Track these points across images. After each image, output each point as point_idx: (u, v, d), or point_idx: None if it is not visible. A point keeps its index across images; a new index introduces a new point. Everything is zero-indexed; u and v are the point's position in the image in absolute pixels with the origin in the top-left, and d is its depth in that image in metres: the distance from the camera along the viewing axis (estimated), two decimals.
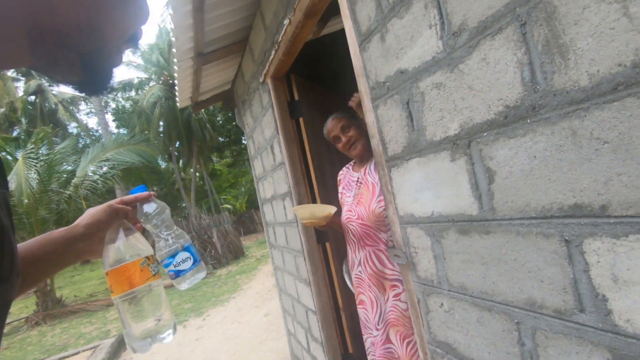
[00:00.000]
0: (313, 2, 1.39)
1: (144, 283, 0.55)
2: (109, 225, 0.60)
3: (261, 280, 7.02)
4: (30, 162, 6.97)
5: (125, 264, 0.55)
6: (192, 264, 0.65)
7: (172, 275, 0.65)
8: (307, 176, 2.13)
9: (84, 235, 0.59)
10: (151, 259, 0.57)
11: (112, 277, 0.55)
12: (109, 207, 0.62)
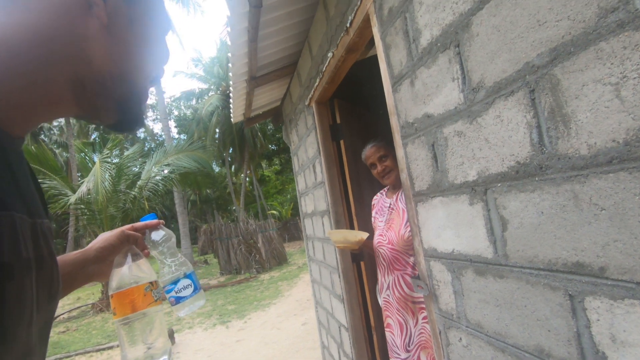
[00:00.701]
0: (354, 40, 1.50)
1: (145, 308, 0.55)
2: (119, 249, 0.62)
3: (302, 288, 7.17)
4: (105, 165, 7.83)
5: (130, 288, 0.55)
6: (193, 291, 0.67)
7: (172, 302, 0.66)
8: (346, 196, 2.22)
9: (96, 258, 0.61)
10: (155, 284, 0.58)
11: (116, 300, 0.55)
12: (121, 232, 0.64)
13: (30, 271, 0.32)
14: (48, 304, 0.37)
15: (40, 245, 0.36)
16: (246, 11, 1.78)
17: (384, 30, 1.19)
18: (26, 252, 0.32)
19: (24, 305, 0.31)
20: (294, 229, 19.45)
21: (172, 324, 5.98)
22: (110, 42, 0.39)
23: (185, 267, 0.68)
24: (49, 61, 0.35)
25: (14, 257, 0.30)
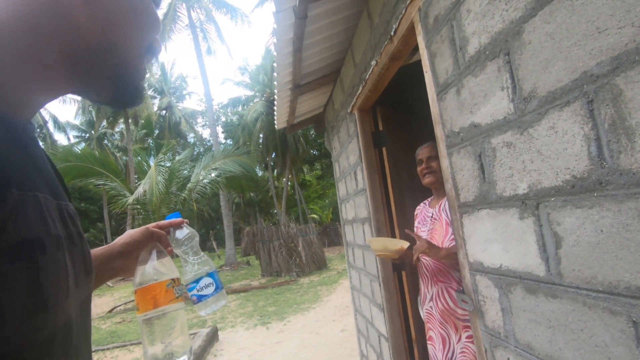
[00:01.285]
0: (397, 48, 1.49)
1: (167, 304, 0.55)
2: (144, 245, 0.63)
3: (341, 294, 7.14)
4: (159, 169, 8.39)
5: (152, 284, 0.56)
6: (214, 290, 0.67)
7: (194, 300, 0.66)
8: (387, 204, 2.20)
9: (120, 253, 0.62)
10: (177, 281, 0.59)
11: (139, 296, 0.56)
12: (146, 229, 0.66)
13: (62, 247, 0.34)
14: (86, 279, 0.39)
15: (68, 225, 0.38)
16: (291, 23, 1.83)
17: (429, 38, 1.18)
18: (55, 230, 0.33)
19: (60, 278, 0.32)
20: (334, 234, 19.46)
21: (215, 322, 6.23)
22: (93, 11, 0.38)
23: (207, 266, 0.68)
24: (38, 37, 0.35)
25: (44, 233, 0.31)
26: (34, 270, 0.28)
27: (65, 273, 0.33)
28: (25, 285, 0.27)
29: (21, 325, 0.27)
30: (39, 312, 0.28)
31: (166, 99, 22.97)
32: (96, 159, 8.31)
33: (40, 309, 0.28)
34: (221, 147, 14.93)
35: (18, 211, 0.28)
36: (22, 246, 0.28)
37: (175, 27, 15.56)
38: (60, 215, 0.36)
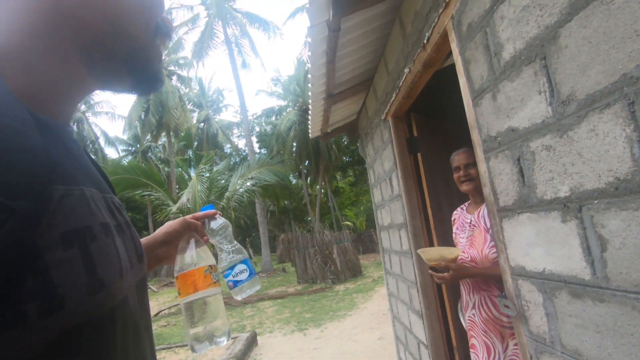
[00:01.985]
0: (431, 56, 1.51)
1: (205, 288, 0.59)
2: (182, 234, 0.68)
3: (377, 301, 7.06)
4: (200, 179, 8.80)
5: (191, 270, 0.60)
6: (248, 276, 0.71)
7: (230, 285, 0.71)
8: (423, 210, 2.19)
9: (163, 241, 0.67)
10: (213, 267, 0.62)
11: (180, 281, 0.60)
12: (184, 220, 0.70)
13: (111, 234, 0.36)
14: (139, 263, 0.43)
15: (115, 215, 0.40)
16: (325, 36, 1.91)
17: (462, 45, 1.20)
18: (102, 219, 0.36)
19: (112, 260, 0.34)
20: (369, 240, 19.26)
21: (254, 327, 6.38)
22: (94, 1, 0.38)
23: (241, 254, 0.72)
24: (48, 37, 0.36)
25: (92, 222, 0.33)
26: (86, 255, 0.31)
27: (116, 256, 0.36)
28: (81, 268, 0.30)
29: (82, 303, 0.29)
30: (97, 290, 0.31)
31: (204, 112, 24.05)
32: (142, 171, 8.85)
33: (97, 288, 0.31)
34: (256, 156, 15.36)
35: (65, 204, 0.31)
36: (73, 234, 0.30)
37: (212, 43, 16.33)
38: (107, 206, 0.39)
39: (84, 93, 0.41)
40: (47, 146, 0.30)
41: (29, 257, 0.26)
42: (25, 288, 0.26)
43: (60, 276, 0.28)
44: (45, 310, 0.27)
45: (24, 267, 0.26)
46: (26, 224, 0.26)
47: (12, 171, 0.25)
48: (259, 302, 8.72)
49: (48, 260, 0.27)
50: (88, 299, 0.30)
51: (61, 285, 0.28)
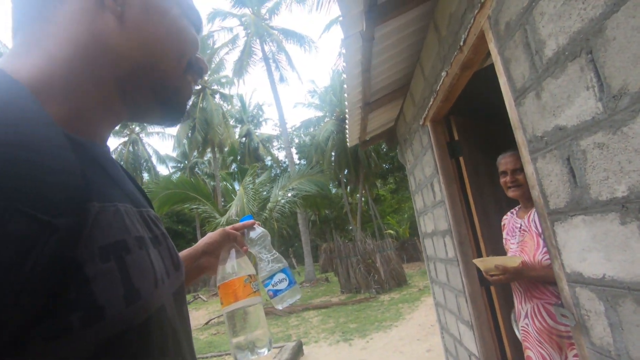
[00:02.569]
0: (468, 57, 1.48)
1: (245, 297, 0.60)
2: (223, 245, 0.69)
3: (424, 312, 6.82)
4: (247, 191, 9.12)
5: (232, 279, 0.61)
6: (288, 285, 0.71)
7: (270, 295, 0.71)
8: (469, 215, 2.11)
9: (204, 252, 0.69)
10: (253, 277, 0.63)
11: (222, 291, 0.62)
12: (223, 231, 0.72)
13: (145, 246, 0.37)
14: (176, 272, 0.44)
15: (151, 227, 0.42)
16: (359, 46, 1.93)
17: (501, 44, 1.17)
18: (136, 232, 0.37)
19: (146, 271, 0.36)
20: (413, 249, 18.71)
21: (300, 336, 6.42)
22: (128, 34, 0.40)
23: (280, 263, 0.72)
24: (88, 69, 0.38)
25: (126, 236, 0.35)
26: (122, 267, 0.32)
27: (150, 267, 0.37)
28: (118, 280, 0.31)
29: (121, 312, 0.31)
30: (134, 300, 0.32)
31: (245, 126, 25.02)
32: (191, 185, 9.35)
33: (134, 298, 0.32)
34: (296, 167, 15.66)
35: (101, 220, 0.32)
36: (110, 248, 0.32)
37: (251, 60, 17.02)
38: (143, 219, 0.41)
39: (117, 120, 0.43)
40: (83, 166, 0.31)
41: (71, 270, 0.28)
42: (69, 300, 0.27)
43: (99, 288, 0.29)
44: (88, 320, 0.28)
45: (67, 280, 0.27)
46: (67, 239, 0.27)
47: (52, 191, 0.27)
48: (304, 312, 8.77)
49: (88, 273, 0.29)
50: (126, 308, 0.31)
51: (101, 297, 0.29)
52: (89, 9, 0.38)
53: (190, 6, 0.47)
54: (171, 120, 0.47)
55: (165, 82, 0.43)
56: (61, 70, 0.36)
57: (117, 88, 0.40)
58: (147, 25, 0.41)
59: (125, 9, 0.39)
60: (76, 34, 0.37)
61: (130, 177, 0.48)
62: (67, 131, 0.33)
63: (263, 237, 0.75)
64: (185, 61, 0.45)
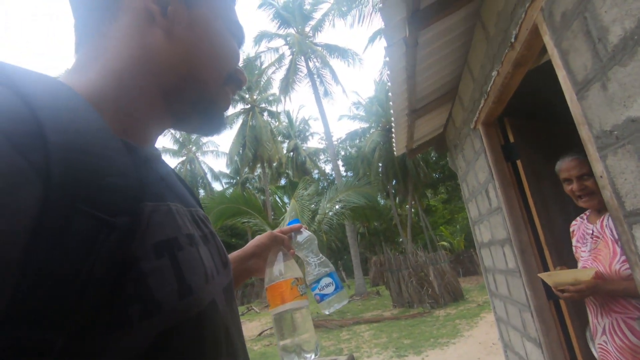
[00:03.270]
0: (521, 54, 1.41)
1: (292, 300, 0.60)
2: (270, 248, 0.71)
3: (484, 329, 6.36)
4: (301, 203, 9.33)
5: (279, 282, 0.62)
6: (334, 289, 0.70)
7: (317, 299, 0.71)
8: (530, 222, 1.96)
9: (252, 254, 0.70)
10: (300, 280, 0.63)
11: (269, 293, 0.62)
12: (271, 234, 0.73)
13: (195, 243, 0.39)
14: (224, 269, 0.45)
15: (200, 226, 0.44)
16: (403, 52, 1.92)
17: (557, 36, 1.09)
18: (187, 230, 0.38)
19: (197, 267, 0.37)
20: (469, 262, 17.65)
21: (351, 350, 6.30)
22: (175, 47, 0.42)
23: (327, 267, 0.72)
24: (139, 80, 0.40)
25: (178, 233, 0.36)
26: (175, 263, 0.34)
27: (201, 263, 0.38)
28: (171, 275, 0.33)
29: (175, 306, 0.32)
30: (186, 295, 0.34)
31: (292, 141, 25.70)
32: (243, 200, 9.75)
33: (186, 293, 0.34)
34: (343, 180, 15.65)
35: (154, 218, 0.34)
36: (163, 245, 0.33)
37: (296, 77, 17.58)
38: (193, 218, 0.42)
39: (163, 127, 0.46)
40: (137, 168, 0.33)
41: (129, 266, 0.29)
42: (128, 293, 0.29)
43: (155, 283, 0.31)
44: (145, 313, 0.29)
45: (125, 275, 0.29)
46: (124, 237, 0.29)
47: (111, 192, 0.29)
48: (355, 326, 8.62)
49: (144, 269, 0.31)
50: (179, 303, 0.33)
51: (157, 291, 0.31)
52: (140, 24, 0.40)
53: (232, 20, 0.49)
54: (209, 130, 0.49)
55: (205, 93, 0.45)
56: (114, 82, 0.39)
57: (162, 97, 0.42)
58: (192, 39, 0.43)
59: (173, 24, 0.41)
60: (128, 48, 0.40)
61: (180, 179, 0.50)
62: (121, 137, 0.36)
63: (310, 240, 0.75)
64: (225, 73, 0.47)
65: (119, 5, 0.40)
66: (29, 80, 0.29)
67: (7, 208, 0.23)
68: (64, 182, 0.25)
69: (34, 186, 0.24)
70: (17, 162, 0.24)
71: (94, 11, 0.40)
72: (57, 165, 0.25)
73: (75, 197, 0.26)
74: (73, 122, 0.29)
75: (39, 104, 0.27)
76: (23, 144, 0.24)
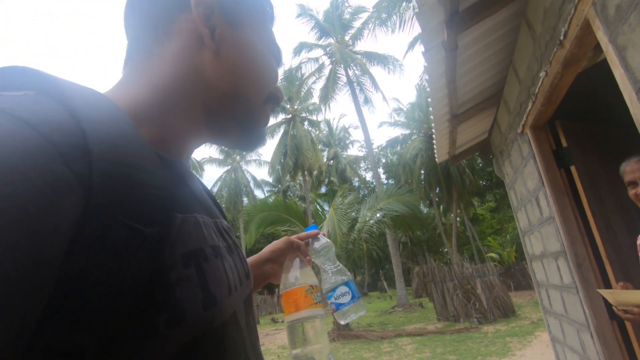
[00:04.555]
0: (571, 52, 1.31)
1: (306, 308, 0.59)
2: (286, 253, 0.70)
3: (539, 349, 5.88)
4: (337, 212, 9.33)
5: (294, 288, 0.61)
6: (351, 299, 0.68)
7: (333, 308, 0.69)
8: (588, 233, 1.80)
9: (268, 259, 0.70)
10: (315, 288, 0.62)
11: (284, 299, 0.61)
12: (287, 239, 0.73)
13: (220, 255, 0.40)
14: (246, 280, 0.46)
15: (225, 237, 0.44)
16: (442, 57, 1.87)
17: (612, 31, 1.01)
18: (212, 241, 0.39)
19: (221, 279, 0.38)
20: (521, 275, 16.46)
21: None
22: (221, 67, 0.44)
23: (344, 276, 0.70)
24: (183, 97, 0.42)
25: (204, 244, 0.37)
26: (201, 273, 0.34)
27: (224, 275, 0.39)
28: (197, 286, 0.33)
29: (200, 317, 0.32)
30: (210, 306, 0.34)
31: (332, 150, 25.83)
32: (285, 207, 9.93)
33: (211, 303, 0.34)
34: (384, 187, 15.42)
35: (183, 229, 0.35)
36: (190, 256, 0.34)
37: (336, 86, 17.71)
38: (218, 230, 0.43)
39: (200, 141, 0.47)
40: (169, 181, 0.34)
41: (158, 275, 0.30)
42: (156, 302, 0.29)
43: (182, 292, 0.31)
44: (172, 322, 0.30)
45: (155, 284, 0.30)
46: (155, 247, 0.29)
47: (144, 203, 0.30)
48: (397, 338, 8.36)
49: (172, 278, 0.31)
50: (204, 313, 0.33)
51: (183, 301, 0.31)
52: (191, 46, 0.43)
53: (272, 41, 0.51)
54: (248, 145, 0.50)
55: (248, 110, 0.46)
56: (159, 98, 0.41)
57: (204, 113, 0.44)
58: (237, 60, 0.45)
59: (220, 46, 0.44)
60: (177, 67, 0.42)
61: (206, 190, 0.52)
62: (157, 150, 0.38)
63: (327, 247, 0.74)
64: (266, 92, 0.49)
65: (172, 27, 0.43)
66: (77, 95, 0.31)
67: (50, 213, 0.24)
68: (103, 192, 0.27)
69: (75, 194, 0.25)
70: (62, 170, 0.25)
71: (148, 32, 0.43)
72: (97, 175, 0.27)
73: (112, 207, 0.27)
74: (114, 135, 0.30)
75: (85, 117, 0.29)
76: (68, 154, 0.26)
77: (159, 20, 0.43)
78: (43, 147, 0.25)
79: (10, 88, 0.30)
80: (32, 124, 0.25)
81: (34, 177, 0.23)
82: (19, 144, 0.24)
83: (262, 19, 0.50)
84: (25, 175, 0.23)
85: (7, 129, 0.24)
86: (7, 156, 0.23)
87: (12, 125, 0.25)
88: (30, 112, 0.26)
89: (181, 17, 0.43)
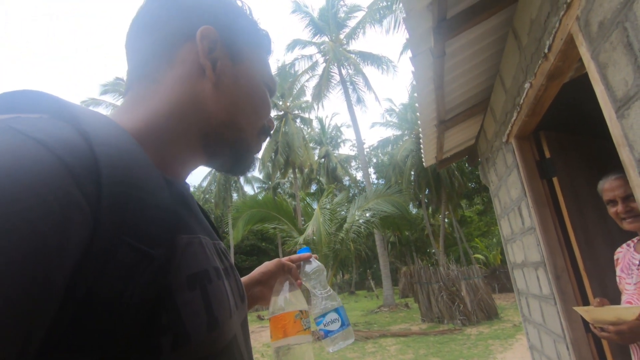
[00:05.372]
0: (555, 65, 1.30)
1: (294, 334, 0.58)
2: (277, 275, 0.69)
3: (520, 353, 5.96)
4: (323, 211, 9.30)
5: (282, 313, 0.60)
6: (340, 326, 0.67)
7: (321, 335, 0.67)
8: (567, 245, 1.80)
9: (258, 281, 0.69)
10: (304, 313, 0.61)
11: (272, 324, 0.60)
12: (279, 261, 0.72)
13: (221, 277, 0.40)
14: (242, 303, 0.47)
15: (223, 259, 0.45)
16: (430, 63, 1.85)
17: (594, 47, 1.00)
18: (214, 263, 0.40)
19: (223, 301, 0.38)
20: (505, 278, 16.71)
21: None
22: (220, 98, 0.46)
23: (334, 302, 0.69)
24: (183, 123, 0.44)
25: (208, 266, 0.38)
26: (205, 295, 0.35)
27: (226, 297, 0.39)
28: (202, 308, 0.34)
29: (203, 339, 0.33)
30: (214, 328, 0.34)
31: (324, 148, 25.79)
32: (275, 205, 9.86)
33: (214, 326, 0.35)
34: (373, 187, 15.44)
35: (188, 251, 0.36)
36: (195, 277, 0.34)
37: (329, 85, 17.66)
38: (216, 251, 0.44)
39: (196, 164, 0.49)
40: (173, 202, 0.35)
41: (164, 296, 0.30)
42: (162, 323, 0.30)
43: (187, 314, 0.32)
44: (176, 343, 0.30)
45: (160, 305, 0.30)
46: (161, 268, 0.30)
47: (151, 224, 0.30)
48: (381, 338, 8.40)
49: (178, 300, 0.31)
50: (207, 335, 0.33)
51: (188, 323, 0.31)
52: (192, 75, 0.44)
53: (268, 73, 0.53)
54: (238, 170, 0.53)
55: (242, 140, 0.49)
56: (160, 123, 0.42)
57: (201, 140, 0.46)
58: (236, 92, 0.47)
59: (220, 78, 0.46)
60: (178, 95, 0.44)
61: (203, 211, 0.52)
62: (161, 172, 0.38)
63: (318, 271, 0.73)
64: (261, 124, 0.51)
65: (175, 57, 0.44)
66: (88, 118, 0.32)
67: (59, 232, 0.24)
68: (111, 214, 0.27)
69: (85, 215, 0.26)
70: (73, 192, 0.25)
71: (151, 60, 0.45)
72: (106, 197, 0.27)
73: (120, 228, 0.27)
74: (123, 158, 0.31)
75: (96, 140, 0.30)
76: (80, 175, 0.26)
77: (165, 46, 0.44)
78: (56, 168, 0.25)
79: (26, 110, 0.31)
80: (47, 146, 0.26)
81: (46, 196, 0.24)
82: (34, 164, 0.24)
83: (260, 51, 0.52)
84: (37, 194, 0.23)
85: (23, 149, 0.25)
86: (22, 175, 0.24)
87: (28, 146, 0.25)
88: (46, 133, 0.27)
89: (185, 45, 0.44)
